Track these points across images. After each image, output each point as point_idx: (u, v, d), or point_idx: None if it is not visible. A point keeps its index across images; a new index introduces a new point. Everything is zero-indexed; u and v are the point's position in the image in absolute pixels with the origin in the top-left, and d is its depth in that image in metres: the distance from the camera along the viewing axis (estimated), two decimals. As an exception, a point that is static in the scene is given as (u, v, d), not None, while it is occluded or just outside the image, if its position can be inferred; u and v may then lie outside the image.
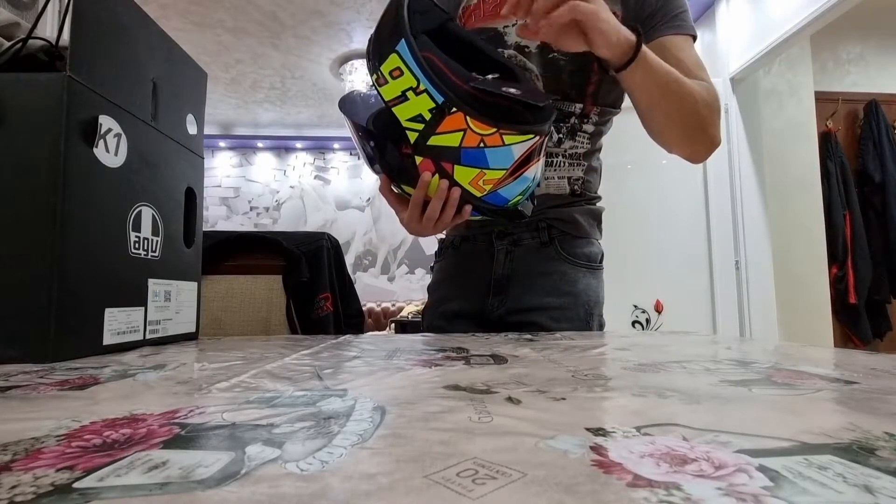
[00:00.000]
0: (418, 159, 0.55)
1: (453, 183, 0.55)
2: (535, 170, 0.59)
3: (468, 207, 0.58)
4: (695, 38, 0.73)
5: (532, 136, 0.54)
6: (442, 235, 0.83)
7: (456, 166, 0.54)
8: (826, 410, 0.24)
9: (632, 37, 0.59)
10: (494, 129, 0.51)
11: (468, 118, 0.50)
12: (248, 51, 3.77)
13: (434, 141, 0.52)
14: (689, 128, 0.68)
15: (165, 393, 0.27)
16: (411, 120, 0.52)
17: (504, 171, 0.54)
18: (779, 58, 2.62)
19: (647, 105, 0.67)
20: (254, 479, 0.15)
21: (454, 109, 0.50)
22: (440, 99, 0.50)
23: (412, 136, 0.53)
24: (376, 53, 0.52)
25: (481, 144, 0.52)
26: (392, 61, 0.50)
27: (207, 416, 0.22)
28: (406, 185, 0.60)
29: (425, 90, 0.50)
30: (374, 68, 0.53)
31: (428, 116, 0.51)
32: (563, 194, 0.79)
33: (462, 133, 0.51)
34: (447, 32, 0.60)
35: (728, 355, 0.43)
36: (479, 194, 0.56)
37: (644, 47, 0.59)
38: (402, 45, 0.50)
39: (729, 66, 2.69)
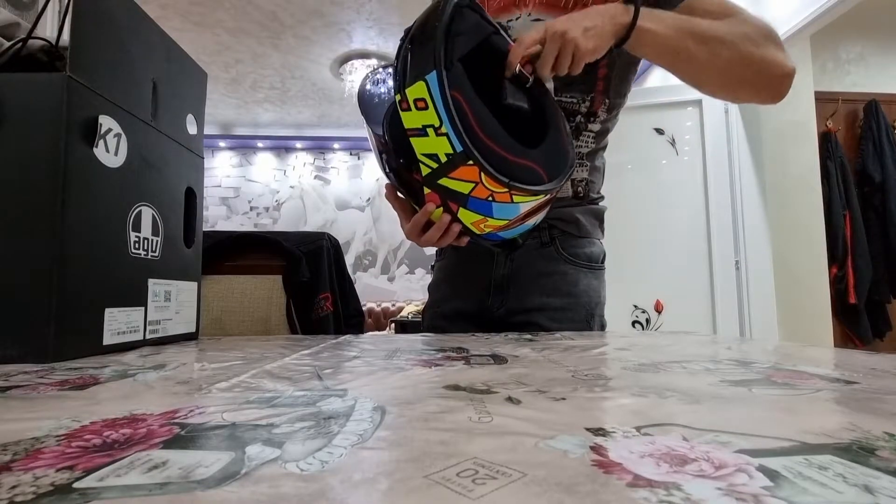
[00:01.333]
0: (426, 190, 0.54)
1: (455, 219, 0.56)
2: (538, 217, 0.60)
3: (466, 238, 0.59)
4: None
5: (543, 195, 0.54)
6: None
7: (461, 208, 0.54)
8: (826, 410, 0.24)
9: (624, 17, 0.58)
10: (506, 190, 0.51)
11: (482, 174, 0.50)
12: (248, 51, 3.77)
13: (444, 182, 0.52)
14: (739, 71, 0.62)
15: (165, 393, 0.27)
16: (427, 156, 0.51)
17: (507, 221, 0.55)
18: (779, 58, 2.61)
19: (674, 64, 0.63)
20: (254, 479, 0.15)
21: (470, 162, 0.49)
22: (459, 148, 0.49)
23: (424, 170, 0.52)
24: (405, 69, 0.51)
25: (490, 198, 0.52)
26: (418, 89, 0.49)
27: (207, 416, 0.22)
28: (411, 200, 0.60)
29: (446, 134, 0.49)
30: (399, 87, 0.51)
31: (444, 159, 0.50)
32: (566, 197, 0.79)
33: (473, 185, 0.51)
34: (488, 46, 0.58)
35: (728, 355, 0.43)
36: (479, 233, 0.57)
37: (645, 14, 0.58)
38: (433, 77, 0.48)
39: (729, 66, 2.68)
